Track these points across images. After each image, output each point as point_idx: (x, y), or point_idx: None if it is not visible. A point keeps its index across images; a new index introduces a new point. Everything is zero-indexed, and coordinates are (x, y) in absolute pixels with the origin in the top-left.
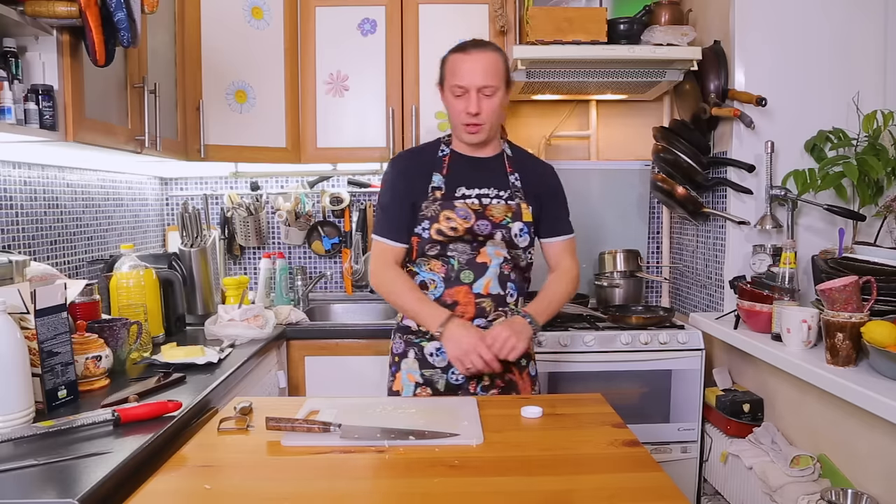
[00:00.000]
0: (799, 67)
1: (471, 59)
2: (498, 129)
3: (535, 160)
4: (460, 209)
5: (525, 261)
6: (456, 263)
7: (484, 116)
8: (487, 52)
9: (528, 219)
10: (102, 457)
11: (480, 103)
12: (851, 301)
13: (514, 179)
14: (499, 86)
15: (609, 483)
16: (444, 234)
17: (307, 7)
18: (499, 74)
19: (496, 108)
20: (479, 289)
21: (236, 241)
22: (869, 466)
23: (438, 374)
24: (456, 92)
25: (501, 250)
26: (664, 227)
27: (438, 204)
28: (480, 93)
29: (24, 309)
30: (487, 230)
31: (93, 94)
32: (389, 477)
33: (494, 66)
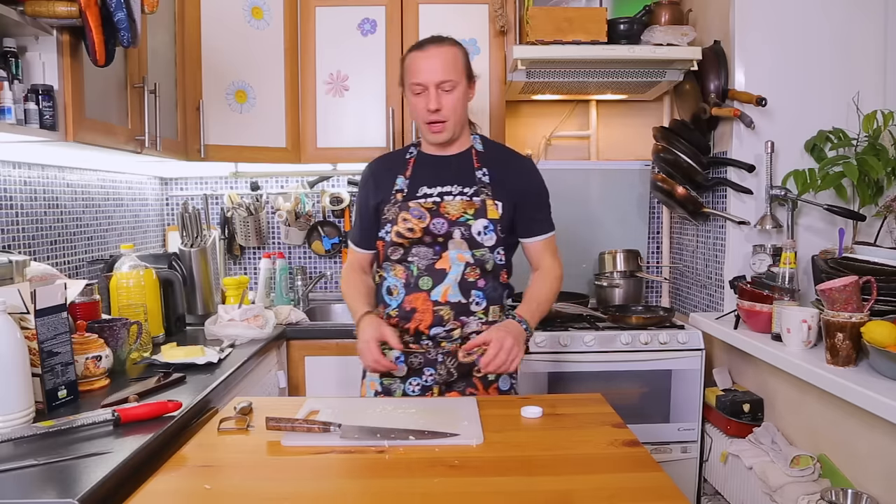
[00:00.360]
0: (799, 67)
1: (427, 55)
2: (464, 124)
3: (512, 155)
4: (414, 209)
5: (493, 262)
6: (415, 269)
7: (445, 112)
8: (444, 46)
9: (493, 216)
10: (102, 457)
11: (440, 99)
12: (851, 301)
13: (482, 175)
14: (458, 80)
15: (609, 483)
16: (403, 235)
17: (307, 7)
18: (457, 68)
19: (457, 102)
20: (436, 296)
21: (236, 241)
22: (869, 466)
23: (397, 384)
24: (415, 90)
25: (464, 254)
26: (664, 227)
27: (397, 206)
28: (439, 88)
29: (24, 309)
30: (444, 229)
31: (93, 94)
32: (389, 477)
33: (452, 61)
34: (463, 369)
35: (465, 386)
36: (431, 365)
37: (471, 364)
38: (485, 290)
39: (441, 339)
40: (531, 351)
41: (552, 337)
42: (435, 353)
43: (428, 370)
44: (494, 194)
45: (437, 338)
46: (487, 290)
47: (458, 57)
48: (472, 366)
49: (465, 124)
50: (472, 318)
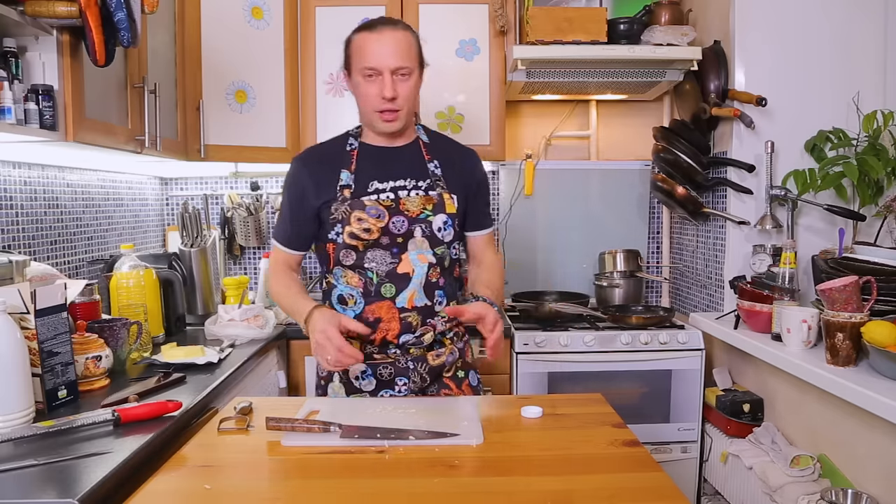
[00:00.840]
0: (799, 67)
1: (382, 38)
2: (413, 115)
3: (456, 146)
4: (371, 207)
5: (450, 258)
6: (374, 276)
7: (401, 101)
8: (399, 30)
9: (451, 210)
10: (102, 457)
11: (396, 86)
12: (851, 301)
13: (434, 167)
14: (413, 67)
15: (609, 483)
16: (358, 237)
17: (307, 7)
18: (412, 54)
19: (412, 90)
20: (402, 303)
21: (236, 241)
22: (869, 466)
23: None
24: (366, 74)
25: (426, 254)
26: (664, 227)
27: (348, 204)
28: (395, 74)
29: (24, 309)
30: (405, 227)
31: (93, 94)
32: (389, 477)
33: (407, 46)
34: (434, 372)
35: (439, 388)
36: (403, 374)
37: (441, 365)
38: (444, 288)
39: (410, 345)
40: (531, 351)
41: (552, 337)
42: (405, 360)
43: (400, 380)
44: (449, 187)
45: (405, 345)
46: (446, 287)
47: (412, 42)
48: (442, 367)
49: (412, 116)
50: (437, 318)
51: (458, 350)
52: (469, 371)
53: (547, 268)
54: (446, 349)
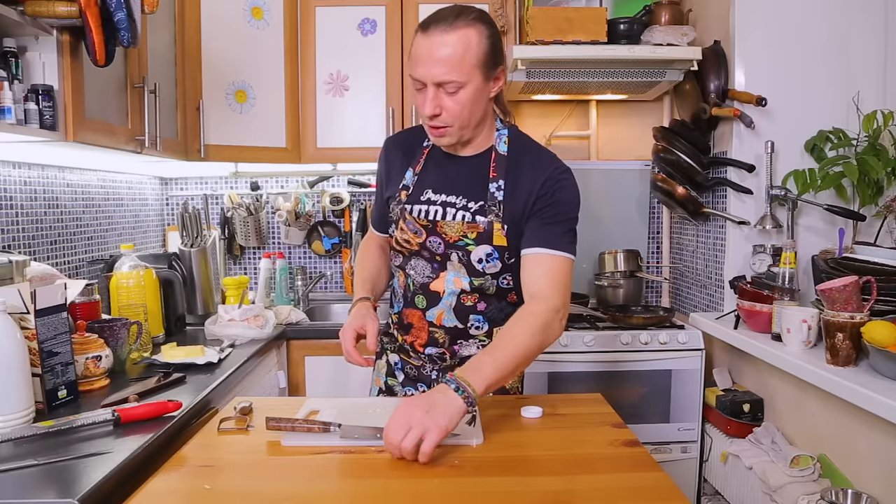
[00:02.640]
0: (799, 67)
1: (430, 44)
2: (479, 125)
3: (540, 158)
4: (410, 223)
5: (497, 287)
6: (411, 284)
7: (447, 118)
8: (454, 31)
9: (500, 242)
10: (102, 457)
11: (440, 101)
12: (851, 301)
13: (496, 189)
14: (466, 79)
15: (609, 483)
16: (401, 244)
17: (307, 7)
18: (467, 63)
19: (464, 105)
20: (431, 317)
21: (236, 241)
22: (869, 466)
23: (398, 387)
24: (415, 85)
25: (462, 278)
26: (664, 227)
27: (399, 209)
28: (441, 89)
29: (24, 309)
30: (441, 250)
31: (93, 94)
32: (389, 477)
33: (461, 54)
34: None
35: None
36: (425, 381)
37: None
38: (486, 313)
39: (436, 357)
40: None
41: None
42: (430, 368)
43: (421, 386)
44: (505, 215)
45: (432, 357)
46: (490, 312)
47: (470, 46)
48: None
49: (480, 124)
50: (472, 341)
51: None
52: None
53: None
54: None
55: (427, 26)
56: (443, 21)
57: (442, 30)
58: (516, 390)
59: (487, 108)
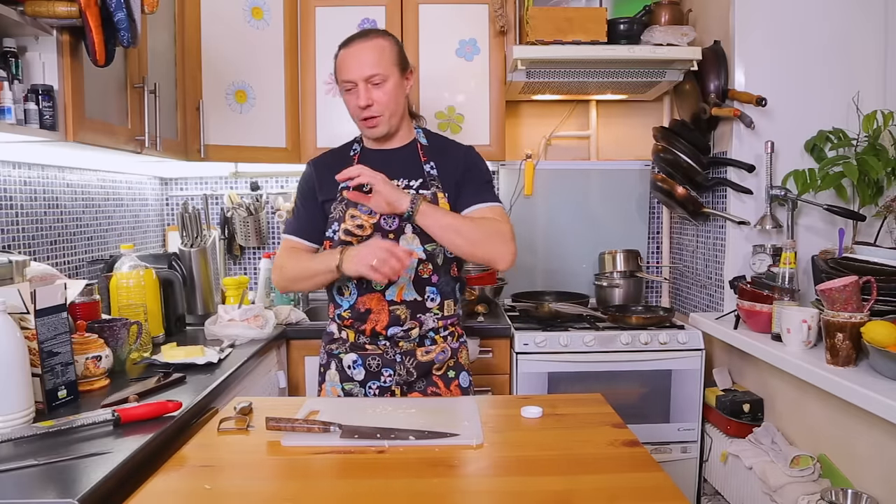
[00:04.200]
0: (799, 67)
1: (353, 51)
2: (402, 117)
3: (454, 145)
4: (362, 205)
5: (444, 255)
6: None
7: (378, 108)
8: (370, 39)
9: (445, 207)
10: (102, 457)
11: (370, 94)
12: (851, 301)
13: (430, 168)
14: (388, 73)
15: (609, 483)
16: (352, 233)
17: (307, 7)
18: (386, 60)
19: (390, 95)
20: (391, 296)
21: (236, 241)
22: (869, 466)
23: (357, 388)
24: (346, 87)
25: (416, 249)
26: (664, 227)
27: (344, 203)
28: (369, 83)
29: (24, 309)
30: (395, 224)
31: (93, 94)
32: (389, 477)
33: (379, 53)
34: (422, 368)
35: (426, 385)
36: (390, 366)
37: (430, 362)
38: (438, 285)
39: (399, 338)
40: (531, 351)
41: (552, 337)
42: (393, 353)
43: (386, 371)
44: (444, 186)
45: (394, 338)
46: (440, 284)
47: (386, 49)
48: (430, 364)
49: (403, 116)
50: (429, 314)
51: (450, 349)
52: (461, 372)
53: (547, 268)
54: (437, 346)
55: (348, 43)
56: (360, 37)
57: (361, 41)
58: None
59: (405, 103)
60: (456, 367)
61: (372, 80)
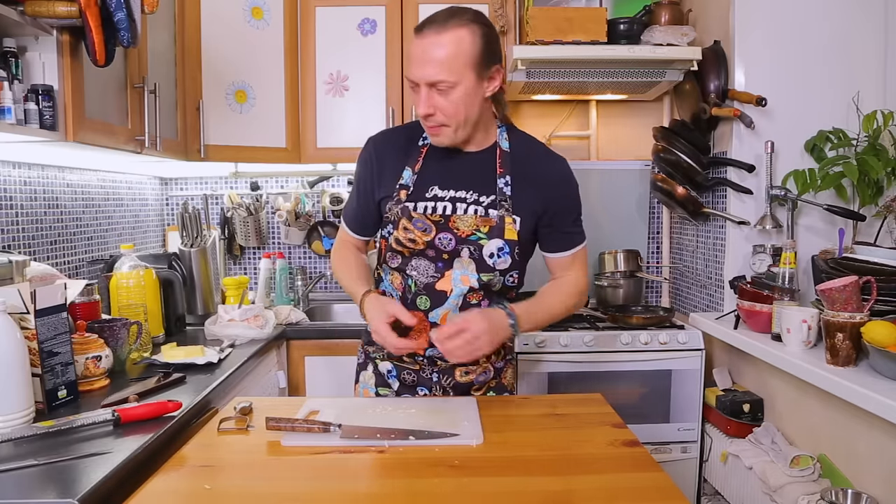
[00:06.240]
0: (799, 67)
1: (423, 44)
2: (476, 126)
3: (542, 155)
4: (418, 220)
5: (503, 285)
6: (413, 285)
7: (441, 117)
8: (447, 32)
9: (511, 236)
10: (102, 457)
11: (432, 100)
12: (851, 301)
13: (504, 184)
14: (458, 79)
15: (609, 483)
16: (403, 244)
17: (307, 7)
18: (459, 62)
19: (457, 105)
20: (435, 318)
21: (236, 241)
22: (869, 466)
23: (392, 395)
24: (411, 85)
25: (470, 275)
26: (664, 227)
27: (400, 208)
28: (434, 88)
29: (24, 309)
30: (451, 246)
31: (93, 94)
32: (389, 477)
33: (453, 54)
34: (459, 389)
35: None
36: (425, 384)
37: (468, 383)
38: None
39: (438, 358)
40: (531, 351)
41: (552, 337)
42: (430, 371)
43: (421, 389)
44: (515, 208)
45: (433, 357)
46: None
47: (462, 46)
48: (469, 385)
49: (479, 123)
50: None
51: (493, 369)
52: (503, 393)
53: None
54: (479, 367)
55: (421, 28)
56: (436, 22)
57: (435, 31)
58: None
59: (484, 107)
60: (497, 388)
61: (438, 87)
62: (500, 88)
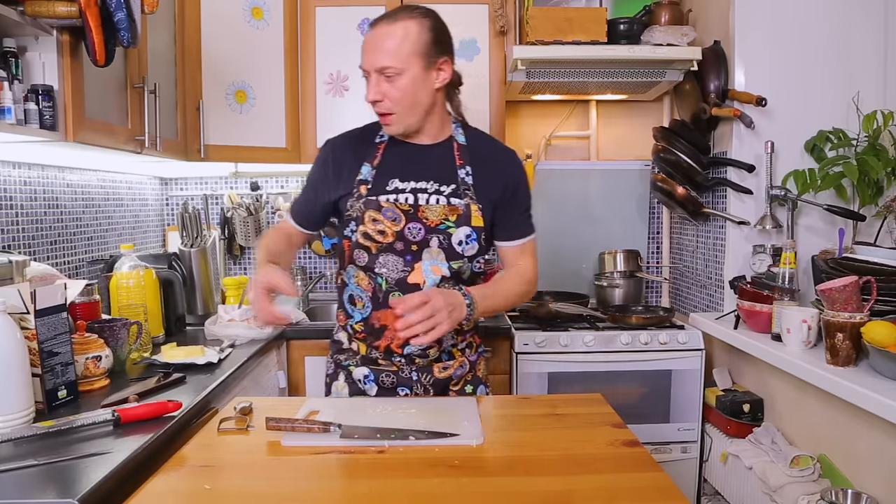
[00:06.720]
0: (799, 67)
1: (373, 34)
2: (426, 115)
3: (497, 147)
4: (387, 209)
5: (470, 271)
6: (384, 282)
7: (389, 104)
8: (396, 23)
9: (477, 223)
10: (102, 457)
11: (380, 87)
12: (851, 301)
13: (465, 174)
14: (403, 66)
15: (609, 483)
16: (372, 238)
17: (307, 7)
18: (405, 50)
19: (403, 92)
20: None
21: (236, 241)
22: (869, 466)
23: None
24: (363, 75)
25: (440, 265)
26: (664, 227)
27: (362, 202)
28: (382, 75)
29: (24, 309)
30: (421, 235)
31: (93, 94)
32: (389, 477)
33: (400, 41)
34: (439, 385)
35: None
36: (406, 384)
37: (447, 378)
38: None
39: (416, 356)
40: (531, 351)
41: (552, 337)
42: (409, 370)
43: (402, 390)
44: (478, 197)
45: (411, 355)
46: None
47: (409, 36)
48: (448, 380)
49: (429, 113)
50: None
51: (469, 362)
52: (478, 385)
53: (547, 268)
54: (455, 361)
55: (374, 22)
56: (388, 16)
57: (385, 23)
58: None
59: (436, 98)
60: (473, 381)
61: (385, 72)
62: (452, 83)
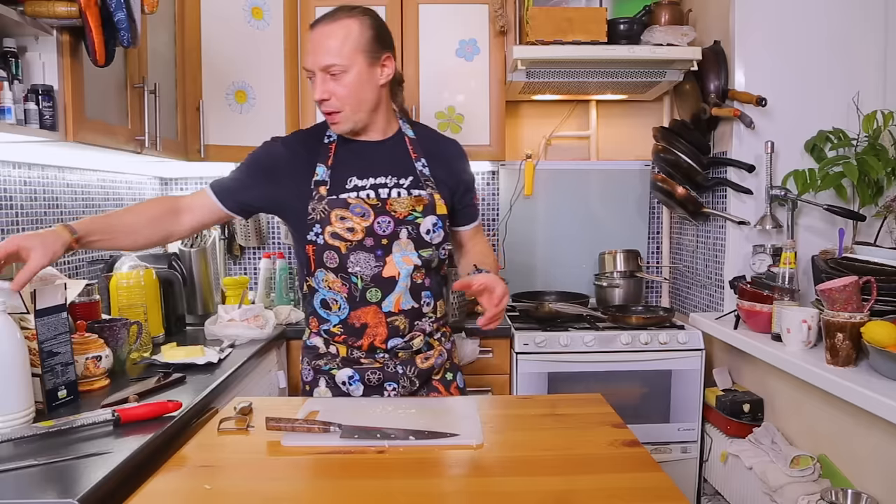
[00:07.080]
0: (799, 67)
1: (315, 35)
2: (373, 111)
3: (443, 139)
4: (355, 205)
5: (438, 259)
6: (359, 281)
7: (336, 102)
8: (336, 21)
9: (442, 211)
10: (102, 457)
11: (327, 86)
12: (851, 301)
13: (422, 166)
14: (348, 63)
15: (609, 483)
16: (341, 237)
17: (307, 7)
18: (347, 48)
19: (350, 89)
20: (389, 307)
21: (236, 241)
22: (869, 466)
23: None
24: (308, 76)
25: (411, 255)
26: (664, 227)
27: (326, 203)
28: (326, 73)
29: (24, 309)
30: (390, 228)
31: (93, 95)
32: (389, 477)
33: (341, 39)
34: (423, 376)
35: (428, 391)
36: (392, 379)
37: (430, 368)
38: (431, 288)
39: (399, 349)
40: (531, 351)
41: (552, 337)
42: (393, 364)
43: (389, 385)
44: (439, 187)
45: (395, 349)
46: (433, 287)
47: (351, 33)
48: (431, 370)
49: (375, 110)
50: (425, 319)
51: (446, 351)
52: (457, 373)
53: (547, 268)
54: (434, 351)
55: (315, 23)
56: (328, 17)
57: (325, 23)
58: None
59: (381, 94)
60: (452, 369)
61: (330, 70)
62: (395, 80)
